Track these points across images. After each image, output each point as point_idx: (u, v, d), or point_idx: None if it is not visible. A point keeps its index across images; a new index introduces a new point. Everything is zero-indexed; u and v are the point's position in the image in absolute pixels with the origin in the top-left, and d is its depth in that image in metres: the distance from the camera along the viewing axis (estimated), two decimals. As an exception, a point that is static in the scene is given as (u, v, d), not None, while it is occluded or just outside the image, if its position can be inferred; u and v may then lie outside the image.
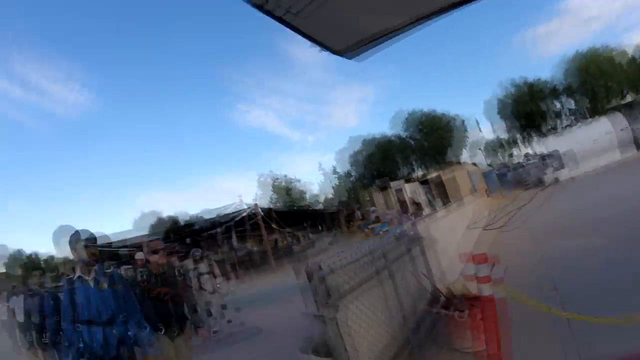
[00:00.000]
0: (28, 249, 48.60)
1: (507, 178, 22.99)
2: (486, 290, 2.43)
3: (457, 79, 53.09)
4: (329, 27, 1.99)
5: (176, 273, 3.29)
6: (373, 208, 18.99)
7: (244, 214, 14.99)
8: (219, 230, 16.01)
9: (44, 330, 4.23)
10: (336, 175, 40.93)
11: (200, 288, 5.97)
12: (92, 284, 2.63)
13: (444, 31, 42.89)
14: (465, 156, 36.45)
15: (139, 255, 6.17)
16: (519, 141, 37.64)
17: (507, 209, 11.36)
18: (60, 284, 4.16)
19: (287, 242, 22.49)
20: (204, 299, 5.91)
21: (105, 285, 2.63)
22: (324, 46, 2.18)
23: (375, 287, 3.01)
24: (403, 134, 38.37)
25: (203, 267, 6.07)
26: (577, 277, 4.09)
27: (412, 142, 38.17)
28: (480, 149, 37.67)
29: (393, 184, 19.16)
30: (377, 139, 38.43)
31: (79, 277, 2.65)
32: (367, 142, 38.93)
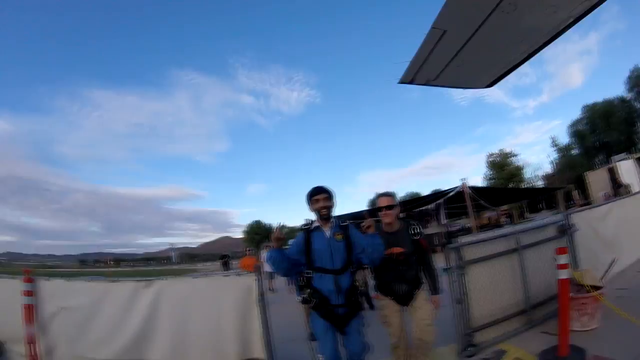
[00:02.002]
0: (265, 220, 65.74)
1: None
2: (563, 274, 3.04)
3: None
4: (463, 74, 2.73)
5: (412, 232, 2.88)
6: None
7: (452, 193, 15.81)
8: (430, 207, 17.19)
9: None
10: (555, 148, 36.16)
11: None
12: (328, 234, 2.61)
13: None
14: None
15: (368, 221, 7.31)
16: None
17: None
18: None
19: (498, 220, 23.41)
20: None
21: (341, 237, 2.60)
22: (466, 87, 2.96)
23: (503, 265, 3.77)
24: (630, 97, 29.92)
25: None
26: None
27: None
28: None
29: (615, 158, 16.93)
30: (600, 105, 31.18)
31: (316, 227, 2.64)
32: (589, 109, 32.04)
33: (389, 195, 3.00)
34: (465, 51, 2.48)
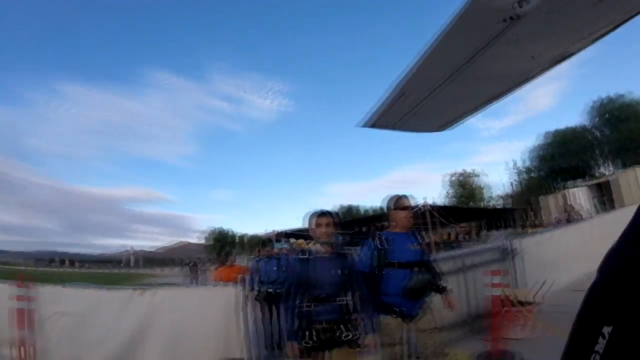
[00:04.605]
0: (226, 227, 63.94)
1: None
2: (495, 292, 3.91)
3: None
4: (417, 123, 3.23)
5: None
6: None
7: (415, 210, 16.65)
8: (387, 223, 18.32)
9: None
10: (515, 171, 37.81)
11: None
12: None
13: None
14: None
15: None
16: None
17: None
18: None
19: (457, 237, 24.92)
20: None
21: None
22: (419, 131, 3.49)
23: (451, 282, 4.21)
24: (590, 125, 31.84)
25: None
26: None
27: (600, 135, 31.18)
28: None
29: (569, 184, 19.52)
30: (561, 131, 33.28)
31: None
32: (550, 135, 33.90)
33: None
34: (420, 107, 3.15)
